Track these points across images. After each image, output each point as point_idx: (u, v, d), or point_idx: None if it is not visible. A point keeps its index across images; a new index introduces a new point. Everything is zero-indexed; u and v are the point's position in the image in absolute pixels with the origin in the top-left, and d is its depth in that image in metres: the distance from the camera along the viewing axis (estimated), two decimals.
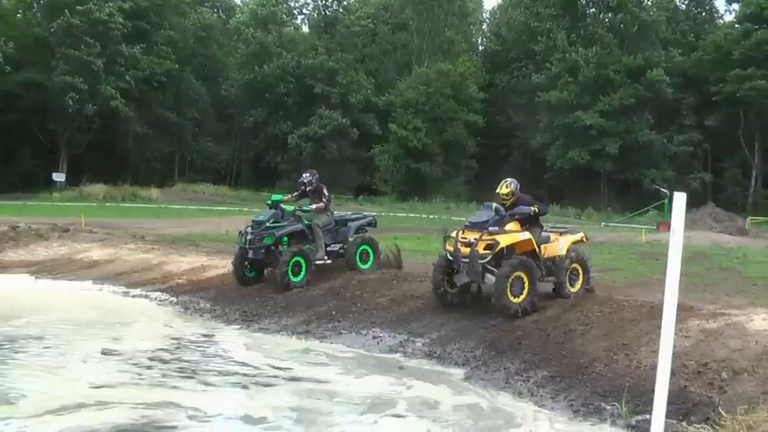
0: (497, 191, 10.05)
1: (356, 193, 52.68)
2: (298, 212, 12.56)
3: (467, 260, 9.41)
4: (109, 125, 48.92)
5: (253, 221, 12.50)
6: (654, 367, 4.90)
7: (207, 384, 7.66)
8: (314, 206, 12.59)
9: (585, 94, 53.25)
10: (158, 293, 12.79)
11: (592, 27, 56.38)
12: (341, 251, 12.77)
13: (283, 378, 7.96)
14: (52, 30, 46.77)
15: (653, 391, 4.67)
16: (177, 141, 56.38)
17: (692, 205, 34.88)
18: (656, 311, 8.10)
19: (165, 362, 8.47)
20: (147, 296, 12.70)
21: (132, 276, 14.09)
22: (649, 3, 57.46)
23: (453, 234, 9.89)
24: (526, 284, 9.32)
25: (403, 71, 61.84)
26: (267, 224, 12.12)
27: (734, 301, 10.34)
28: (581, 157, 52.19)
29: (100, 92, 46.78)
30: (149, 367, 8.21)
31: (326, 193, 12.70)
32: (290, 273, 11.83)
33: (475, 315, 9.60)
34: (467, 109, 56.45)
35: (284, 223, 12.22)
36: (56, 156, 49.01)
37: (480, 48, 71.10)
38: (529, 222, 9.84)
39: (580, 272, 10.23)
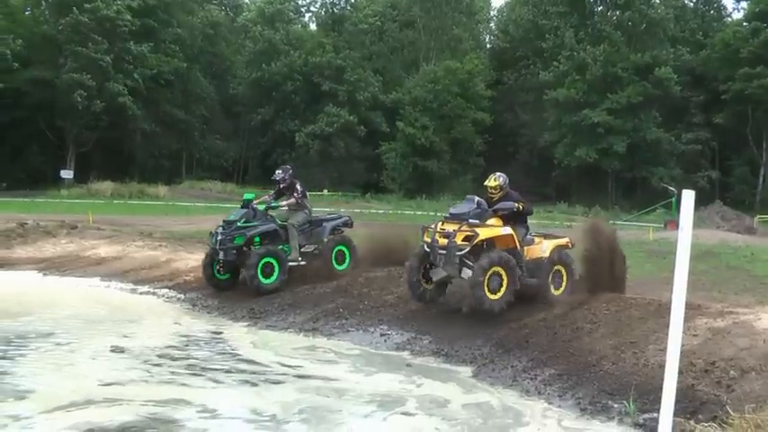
0: (485, 183, 9.95)
1: (363, 191, 52.68)
2: (270, 212, 12.17)
3: (444, 252, 9.16)
4: (117, 122, 48.99)
5: (224, 221, 11.96)
6: (661, 365, 4.91)
7: (216, 381, 7.70)
8: (284, 202, 12.28)
9: (593, 91, 53.02)
10: (166, 290, 12.81)
11: (600, 25, 56.15)
12: (315, 252, 12.36)
13: (292, 375, 7.98)
14: (60, 27, 46.86)
15: (661, 389, 4.67)
16: (185, 139, 56.46)
17: (699, 203, 34.66)
18: (663, 310, 8.09)
19: (173, 359, 8.51)
20: (154, 293, 12.73)
21: (140, 273, 14.11)
22: (657, 0, 57.23)
23: (432, 226, 9.65)
24: (505, 282, 9.04)
25: (410, 69, 61.73)
26: (238, 224, 11.69)
27: (742, 300, 10.30)
28: (588, 155, 51.96)
29: (108, 89, 46.85)
30: (158, 364, 8.24)
31: (300, 189, 12.35)
32: (260, 275, 11.47)
33: (481, 313, 9.58)
34: (474, 107, 56.25)
35: (256, 223, 11.77)
36: (63, 153, 49.13)
37: (488, 45, 70.94)
38: (514, 221, 9.57)
39: (564, 274, 9.94)
